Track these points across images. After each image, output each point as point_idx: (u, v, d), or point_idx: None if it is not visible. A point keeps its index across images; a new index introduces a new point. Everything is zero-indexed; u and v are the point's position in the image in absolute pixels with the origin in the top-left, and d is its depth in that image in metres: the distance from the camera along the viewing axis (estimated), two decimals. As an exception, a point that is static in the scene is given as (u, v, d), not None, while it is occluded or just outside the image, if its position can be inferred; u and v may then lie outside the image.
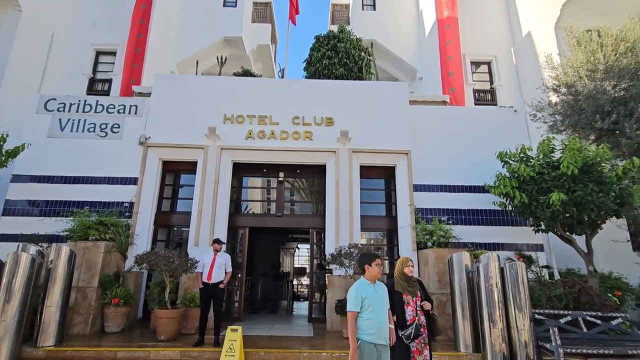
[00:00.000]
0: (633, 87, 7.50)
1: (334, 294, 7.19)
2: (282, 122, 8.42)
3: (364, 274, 3.37)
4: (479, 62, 13.43)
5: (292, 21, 10.42)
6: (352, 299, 3.15)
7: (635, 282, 8.72)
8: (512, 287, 5.48)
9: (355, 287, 3.23)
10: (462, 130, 8.69)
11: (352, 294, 3.18)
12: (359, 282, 3.33)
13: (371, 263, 3.33)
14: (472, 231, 7.96)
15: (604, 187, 5.80)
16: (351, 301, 3.15)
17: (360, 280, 3.36)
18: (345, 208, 7.95)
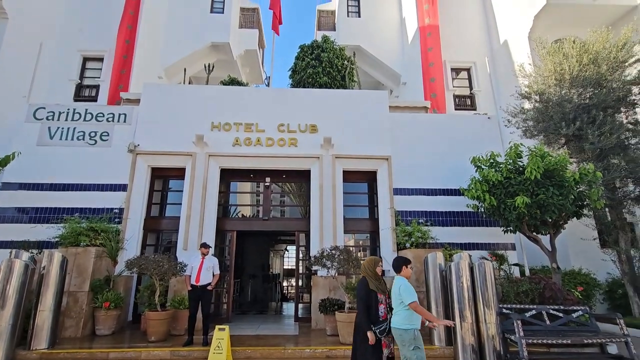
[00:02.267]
0: (595, 96, 8.06)
1: (318, 294, 7.55)
2: (268, 129, 8.74)
3: (399, 273, 3.95)
4: (459, 68, 13.97)
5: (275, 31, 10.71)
6: (411, 291, 3.73)
7: (602, 278, 9.32)
8: (481, 285, 5.91)
9: (406, 283, 3.83)
10: (440, 136, 9.15)
11: (409, 287, 3.76)
12: (403, 279, 3.89)
13: (407, 265, 3.99)
14: (448, 232, 8.41)
15: (563, 191, 6.30)
16: (411, 293, 3.70)
17: (400, 278, 3.91)
18: (328, 211, 8.31)
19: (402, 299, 3.71)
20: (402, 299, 3.72)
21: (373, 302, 4.06)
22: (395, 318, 3.78)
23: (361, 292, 4.00)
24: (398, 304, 3.78)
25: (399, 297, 3.76)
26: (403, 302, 3.70)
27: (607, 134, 7.66)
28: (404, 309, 3.70)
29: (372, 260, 4.23)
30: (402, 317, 3.70)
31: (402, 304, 3.72)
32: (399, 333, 3.69)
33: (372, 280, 4.14)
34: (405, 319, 3.68)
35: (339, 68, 10.18)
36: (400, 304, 3.74)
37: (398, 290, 3.77)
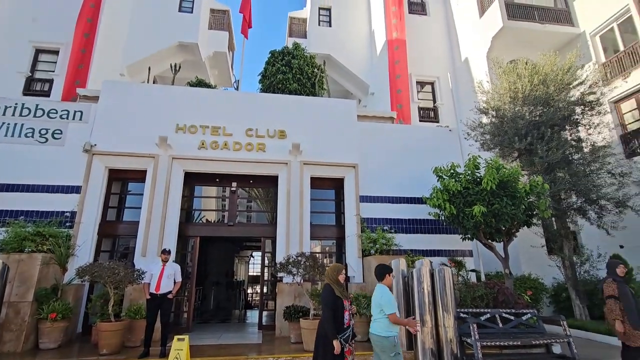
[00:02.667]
0: (544, 114, 8.75)
1: (283, 301, 7.48)
2: (236, 133, 8.61)
3: (382, 281, 4.00)
4: (424, 82, 14.61)
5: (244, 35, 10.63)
6: (392, 302, 3.79)
7: (549, 282, 10.02)
8: (441, 290, 6.15)
9: (388, 293, 3.88)
10: (405, 146, 9.48)
11: (390, 298, 3.82)
12: (385, 288, 3.93)
13: (390, 273, 4.07)
14: (411, 239, 8.69)
15: (516, 201, 6.75)
16: (392, 304, 3.77)
17: (382, 286, 3.96)
18: (295, 217, 8.29)
19: (382, 307, 3.78)
20: (382, 308, 3.79)
21: (339, 308, 4.09)
22: (376, 325, 3.84)
23: (327, 298, 4.00)
24: (378, 311, 3.83)
25: (379, 305, 3.82)
26: (383, 311, 3.77)
27: (554, 149, 8.32)
28: (384, 316, 3.77)
29: (336, 268, 4.25)
30: (383, 324, 3.77)
31: (382, 312, 3.79)
32: (379, 340, 3.76)
33: (337, 286, 4.17)
34: (385, 327, 3.76)
35: (309, 75, 10.28)
36: (381, 311, 3.81)
37: (380, 298, 3.83)
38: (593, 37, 11.62)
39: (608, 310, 4.80)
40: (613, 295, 4.74)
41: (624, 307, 4.65)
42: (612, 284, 4.80)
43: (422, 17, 15.64)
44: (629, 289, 4.89)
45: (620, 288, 4.75)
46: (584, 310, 8.60)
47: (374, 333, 3.84)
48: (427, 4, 15.88)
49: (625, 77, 10.38)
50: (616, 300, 4.71)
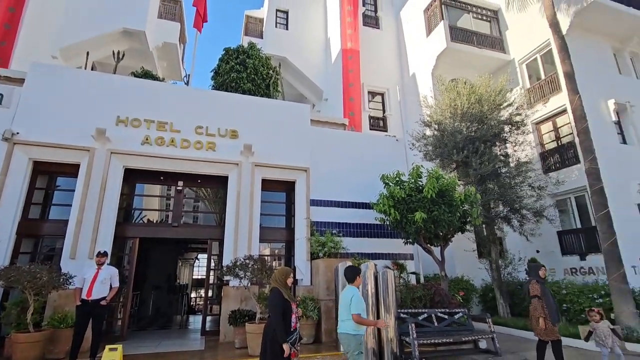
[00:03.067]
0: (478, 130, 9.65)
1: (229, 305, 7.29)
2: (185, 130, 8.24)
3: (352, 283, 4.15)
4: (375, 92, 15.26)
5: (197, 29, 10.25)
6: (360, 304, 3.93)
7: (478, 283, 11.00)
8: (384, 292, 6.46)
9: (358, 294, 4.01)
10: (355, 153, 9.81)
11: (360, 300, 3.95)
12: (354, 289, 4.07)
13: (359, 275, 4.26)
14: (358, 242, 9.00)
15: (452, 209, 7.36)
16: (358, 306, 3.89)
17: (352, 288, 4.10)
18: (245, 219, 8.15)
19: (351, 307, 3.93)
20: (351, 308, 3.93)
21: (287, 312, 4.11)
22: (345, 324, 3.98)
23: (276, 302, 4.00)
24: (347, 311, 3.96)
25: (349, 306, 3.95)
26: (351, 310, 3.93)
27: (486, 162, 9.21)
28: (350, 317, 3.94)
29: (284, 271, 4.26)
30: (352, 323, 3.90)
31: (350, 312, 3.94)
32: (348, 338, 3.91)
33: (284, 290, 4.19)
34: (354, 325, 3.90)
35: (264, 76, 10.19)
36: (350, 311, 3.94)
37: (350, 299, 3.97)
38: (521, 65, 13.09)
39: (533, 309, 5.27)
40: (537, 295, 5.25)
41: (545, 306, 5.18)
42: (536, 285, 5.32)
43: (376, 30, 16.36)
44: (548, 289, 5.54)
45: (542, 288, 5.33)
46: (506, 308, 9.57)
47: (343, 332, 3.98)
48: (380, 18, 16.65)
49: (545, 102, 11.85)
50: (539, 300, 5.22)
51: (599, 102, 10.67)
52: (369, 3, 16.85)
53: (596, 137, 8.94)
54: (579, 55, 10.76)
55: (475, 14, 14.10)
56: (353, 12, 15.36)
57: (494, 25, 14.11)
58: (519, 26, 13.10)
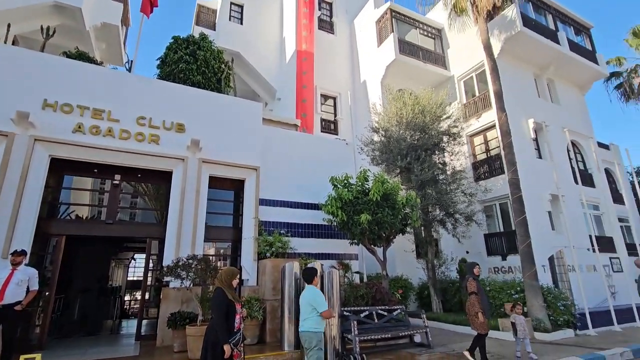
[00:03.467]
0: (421, 139, 10.35)
1: (168, 308, 6.93)
2: (125, 120, 7.66)
3: (311, 283, 4.52)
4: (328, 95, 15.57)
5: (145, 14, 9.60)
6: (324, 301, 4.35)
7: (416, 282, 11.76)
8: (329, 291, 6.64)
9: (320, 293, 4.44)
10: (306, 154, 9.93)
11: (322, 297, 4.38)
12: (315, 288, 4.46)
13: (317, 275, 4.61)
14: (306, 243, 9.11)
15: (395, 212, 7.82)
16: (324, 303, 4.32)
17: (312, 287, 4.47)
18: (189, 218, 7.81)
19: (315, 306, 4.24)
20: (315, 306, 4.24)
21: (231, 312, 4.06)
22: (307, 323, 4.27)
23: (219, 303, 3.93)
24: (310, 310, 4.26)
25: (311, 305, 4.26)
26: (316, 309, 4.23)
27: (426, 169, 9.92)
28: (316, 315, 4.24)
29: (230, 271, 4.22)
30: (314, 321, 4.24)
31: (314, 311, 4.24)
32: (310, 335, 4.22)
33: (228, 290, 4.13)
34: (315, 323, 4.24)
35: (215, 70, 9.85)
36: (313, 310, 4.24)
37: (313, 298, 4.30)
38: (459, 81, 14.30)
39: (470, 304, 5.67)
40: (474, 291, 5.70)
41: (480, 301, 5.63)
42: (473, 282, 5.78)
43: (330, 35, 16.71)
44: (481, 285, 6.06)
45: (478, 285, 5.79)
46: (439, 304, 10.38)
47: (307, 330, 4.24)
48: (335, 24, 17.04)
49: (478, 117, 13.09)
50: (477, 295, 5.66)
51: (521, 120, 12.08)
52: (325, 8, 17.16)
53: (518, 151, 10.10)
54: (507, 78, 12.07)
55: (422, 30, 15.08)
56: (309, 14, 15.53)
57: (438, 42, 15.24)
58: (459, 46, 14.31)
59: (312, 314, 4.26)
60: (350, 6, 17.53)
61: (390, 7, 14.43)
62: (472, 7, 10.54)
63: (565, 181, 11.65)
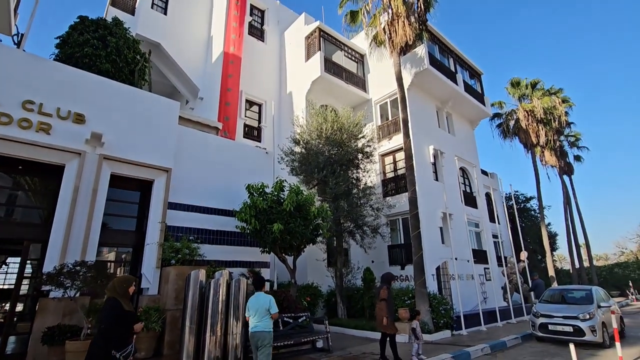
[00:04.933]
0: (337, 154, 11.04)
1: (45, 321, 6.08)
2: (6, 103, 6.59)
3: (261, 290, 5.31)
4: (253, 102, 15.52)
5: (50, -13, 8.46)
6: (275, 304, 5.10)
7: (325, 289, 12.29)
8: (234, 300, 6.60)
9: (272, 298, 5.12)
10: (224, 159, 9.75)
11: (274, 301, 5.09)
12: (265, 295, 5.15)
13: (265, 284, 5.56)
14: (217, 250, 8.89)
15: (307, 222, 8.18)
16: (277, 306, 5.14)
17: (262, 293, 5.19)
18: (82, 219, 7.00)
19: (269, 309, 4.98)
20: (269, 309, 4.97)
21: (129, 324, 3.83)
22: (263, 323, 4.95)
23: (114, 314, 3.68)
24: (264, 312, 4.97)
25: (266, 308, 4.98)
26: (269, 311, 4.97)
27: (340, 183, 10.58)
28: (269, 317, 4.98)
29: (125, 279, 3.99)
30: (267, 322, 4.97)
31: (268, 313, 4.97)
32: (266, 334, 4.92)
33: (124, 300, 3.89)
34: (269, 324, 4.98)
35: (129, 60, 9.08)
36: (267, 312, 4.96)
37: (269, 302, 5.02)
38: (376, 105, 15.64)
39: (379, 309, 6.53)
40: (385, 298, 6.52)
41: (388, 307, 6.44)
42: (386, 290, 6.66)
43: (260, 42, 16.77)
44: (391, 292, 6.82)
45: (389, 294, 6.63)
46: (344, 310, 11.03)
47: (263, 330, 4.91)
48: (265, 32, 17.18)
49: (389, 139, 14.46)
50: (386, 302, 6.47)
51: (423, 146, 13.73)
52: (257, 15, 17.20)
53: (418, 173, 11.46)
54: (415, 107, 13.65)
55: (346, 52, 16.14)
56: (239, 18, 15.38)
57: (360, 66, 16.47)
58: (378, 72, 15.70)
59: (267, 315, 4.96)
60: (282, 17, 17.88)
61: (319, 26, 15.15)
62: (389, 40, 11.74)
63: (455, 201, 13.56)
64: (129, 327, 3.83)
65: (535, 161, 22.54)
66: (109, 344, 3.62)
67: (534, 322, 8.90)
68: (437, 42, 15.57)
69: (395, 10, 11.58)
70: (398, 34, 11.43)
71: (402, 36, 11.36)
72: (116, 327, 3.66)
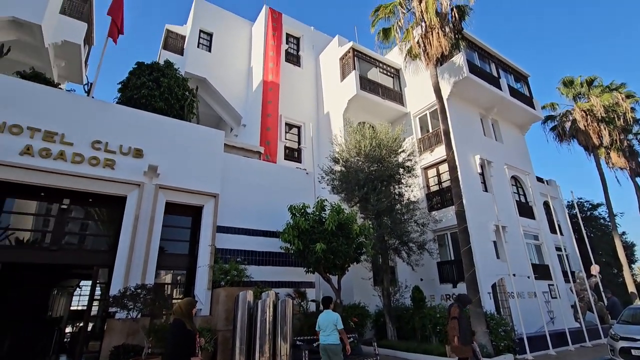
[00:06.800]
0: (377, 171, 10.94)
1: (112, 340, 6.62)
2: (79, 143, 7.52)
3: (329, 308, 6.08)
4: (292, 124, 16.04)
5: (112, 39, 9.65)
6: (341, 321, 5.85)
7: (373, 309, 11.96)
8: (281, 321, 6.71)
9: (338, 315, 5.91)
10: (267, 183, 10.14)
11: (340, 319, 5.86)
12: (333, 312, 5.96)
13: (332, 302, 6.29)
14: (263, 271, 9.14)
15: (349, 241, 8.14)
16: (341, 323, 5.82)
17: (330, 311, 5.97)
18: (141, 244, 7.63)
19: (336, 324, 5.70)
20: (336, 325, 5.69)
21: (191, 342, 4.12)
22: (331, 337, 5.65)
23: (180, 334, 4.00)
24: (332, 327, 5.69)
25: (333, 324, 5.71)
26: (336, 327, 5.67)
27: (382, 199, 10.44)
28: (336, 331, 5.67)
29: (189, 302, 4.36)
30: (335, 337, 5.66)
31: (335, 328, 5.67)
32: (335, 347, 5.60)
33: (187, 321, 4.20)
34: (337, 338, 5.65)
35: (179, 97, 9.97)
36: (334, 327, 5.67)
37: (335, 319, 5.76)
38: (415, 118, 15.38)
39: (450, 328, 6.14)
40: (455, 316, 6.12)
41: (460, 327, 6.02)
42: (457, 308, 6.23)
43: (297, 67, 17.46)
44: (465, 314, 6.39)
45: (460, 313, 6.18)
46: (394, 331, 10.60)
47: (332, 343, 5.62)
48: (301, 57, 17.87)
49: (431, 151, 14.07)
50: (457, 321, 6.04)
51: (468, 156, 13.15)
52: (292, 42, 18.00)
53: (465, 184, 10.96)
54: (456, 117, 13.21)
55: (381, 69, 16.22)
56: (276, 47, 16.22)
57: (396, 81, 16.41)
58: (414, 85, 15.51)
59: (334, 330, 5.65)
60: (316, 42, 18.52)
61: (352, 46, 15.46)
62: (423, 53, 11.63)
63: (508, 213, 12.69)
64: (192, 345, 4.11)
65: (600, 164, 20.44)
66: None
67: (612, 346, 7.89)
68: (476, 49, 15.10)
69: (428, 23, 11.51)
70: (433, 45, 11.30)
71: (437, 47, 11.21)
72: (182, 346, 3.95)
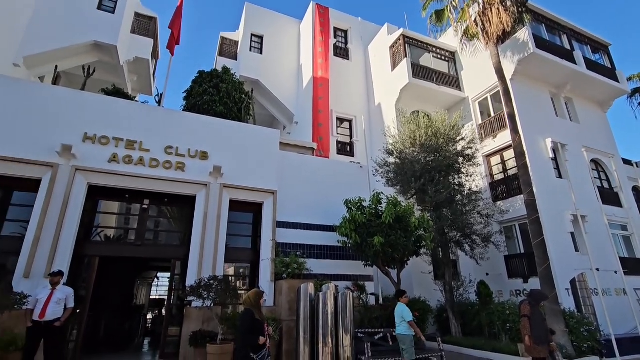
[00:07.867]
0: (434, 161, 10.50)
1: (190, 326, 7.29)
2: (154, 149, 8.34)
3: (400, 300, 6.43)
4: (343, 119, 16.03)
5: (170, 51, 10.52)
6: (410, 314, 6.17)
7: (434, 304, 11.60)
8: (342, 313, 6.83)
9: (406, 307, 6.29)
10: (322, 178, 10.30)
11: (409, 311, 6.23)
12: (403, 305, 6.35)
13: (404, 295, 6.54)
14: (321, 264, 9.33)
15: (408, 234, 7.96)
16: (410, 315, 6.16)
17: (401, 304, 6.36)
18: (211, 240, 8.26)
19: (403, 317, 6.07)
20: (403, 317, 6.07)
21: (260, 330, 4.43)
22: (400, 328, 6.13)
23: (247, 323, 4.31)
24: (400, 319, 6.12)
25: (402, 316, 6.11)
26: (404, 319, 6.06)
27: (440, 191, 10.02)
28: (405, 322, 6.06)
29: (258, 293, 4.67)
30: (405, 327, 6.08)
31: (403, 320, 6.07)
32: (402, 337, 6.05)
33: (256, 311, 4.51)
34: (404, 329, 6.09)
35: (236, 100, 10.55)
36: (402, 319, 6.08)
37: (402, 311, 6.14)
38: (474, 102, 14.42)
39: (522, 327, 5.71)
40: (526, 314, 5.66)
41: (532, 325, 5.55)
42: (527, 306, 5.75)
43: (345, 61, 17.36)
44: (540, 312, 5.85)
45: (533, 310, 5.66)
46: (458, 328, 10.19)
47: (400, 333, 6.11)
48: (350, 50, 17.72)
49: (494, 137, 13.11)
50: (528, 319, 5.59)
51: (538, 140, 12.01)
52: (340, 36, 17.92)
53: (535, 171, 10.05)
54: (522, 98, 12.14)
55: (435, 54, 15.45)
56: (324, 42, 16.28)
57: (452, 65, 15.52)
58: (472, 68, 14.53)
59: (403, 322, 6.05)
60: (364, 33, 18.22)
61: (403, 33, 14.94)
62: (482, 32, 10.84)
63: (589, 201, 11.38)
64: (261, 333, 4.40)
65: None
66: (247, 348, 4.23)
67: None
68: (544, 21, 13.67)
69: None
70: (493, 22, 10.47)
71: (497, 24, 10.37)
72: (251, 334, 4.26)
